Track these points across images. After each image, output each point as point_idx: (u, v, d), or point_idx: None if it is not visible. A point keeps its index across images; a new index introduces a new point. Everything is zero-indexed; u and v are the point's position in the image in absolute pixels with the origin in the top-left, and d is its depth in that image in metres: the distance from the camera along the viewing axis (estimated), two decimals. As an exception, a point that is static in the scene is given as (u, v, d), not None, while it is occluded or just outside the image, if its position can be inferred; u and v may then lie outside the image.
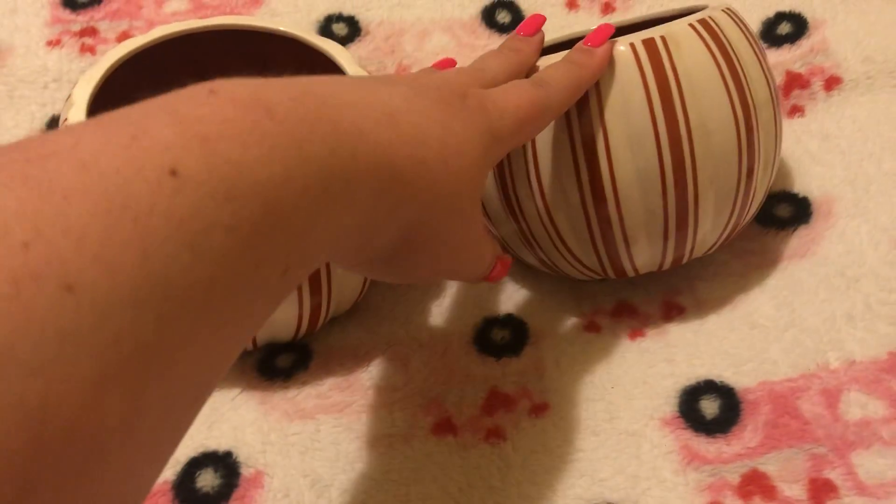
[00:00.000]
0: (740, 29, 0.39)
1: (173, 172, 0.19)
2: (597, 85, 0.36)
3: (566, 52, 0.37)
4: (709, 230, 0.40)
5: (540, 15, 0.39)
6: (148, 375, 0.18)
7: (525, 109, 0.31)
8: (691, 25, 0.38)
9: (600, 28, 0.36)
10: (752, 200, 0.40)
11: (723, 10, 0.39)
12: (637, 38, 0.37)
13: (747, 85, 0.38)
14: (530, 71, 0.37)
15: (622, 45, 0.37)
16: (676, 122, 0.36)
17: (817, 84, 0.51)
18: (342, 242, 0.24)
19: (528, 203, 0.39)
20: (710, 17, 0.38)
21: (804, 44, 0.52)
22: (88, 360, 0.16)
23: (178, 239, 0.18)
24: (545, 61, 0.37)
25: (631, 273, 0.41)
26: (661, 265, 0.41)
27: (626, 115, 0.36)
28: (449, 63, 0.39)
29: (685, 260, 0.41)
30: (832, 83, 0.51)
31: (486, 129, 0.29)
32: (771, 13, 0.54)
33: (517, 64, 0.36)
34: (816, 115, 0.50)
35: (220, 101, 0.21)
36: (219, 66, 0.34)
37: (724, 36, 0.38)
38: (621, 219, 0.38)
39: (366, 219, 0.24)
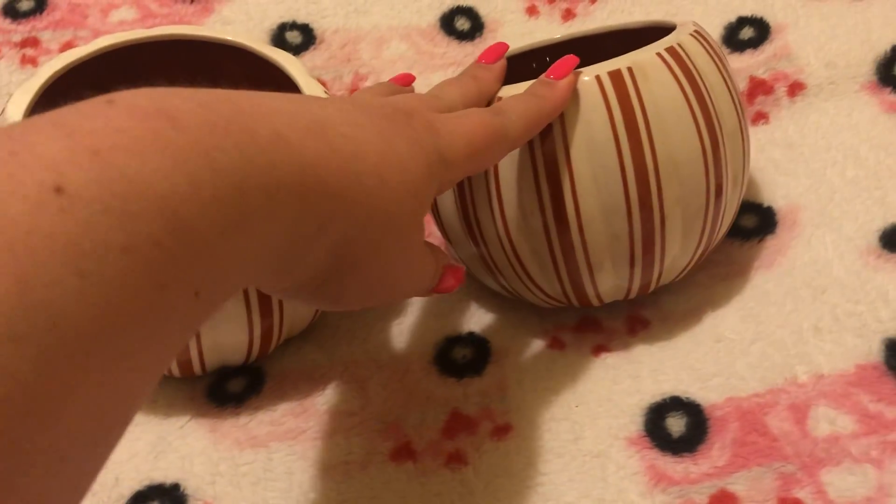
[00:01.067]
0: (709, 54, 0.38)
1: (58, 190, 0.17)
2: (561, 115, 0.35)
3: (529, 82, 0.36)
4: (677, 256, 0.39)
5: (503, 43, 0.38)
6: (29, 420, 0.16)
7: (479, 135, 0.30)
8: (659, 55, 0.36)
9: (563, 60, 0.35)
10: (720, 223, 0.39)
11: (691, 34, 0.38)
12: (603, 69, 0.36)
13: (715, 115, 0.37)
14: (492, 99, 0.36)
15: (587, 76, 0.36)
16: (642, 153, 0.35)
17: (781, 90, 0.50)
18: (264, 262, 0.23)
19: (488, 226, 0.38)
20: (678, 45, 0.37)
21: (767, 49, 0.52)
22: None
23: (64, 263, 0.16)
24: (508, 91, 0.36)
25: (595, 302, 0.40)
26: (627, 293, 0.40)
27: (591, 146, 0.35)
28: (406, 78, 0.38)
29: (652, 288, 0.40)
30: (796, 89, 0.50)
31: (433, 150, 0.27)
32: (733, 18, 0.53)
33: (476, 92, 0.35)
34: (780, 122, 0.49)
35: (117, 112, 0.19)
36: (166, 78, 0.32)
37: (693, 64, 0.37)
38: (584, 244, 0.37)
39: (290, 235, 0.23)
